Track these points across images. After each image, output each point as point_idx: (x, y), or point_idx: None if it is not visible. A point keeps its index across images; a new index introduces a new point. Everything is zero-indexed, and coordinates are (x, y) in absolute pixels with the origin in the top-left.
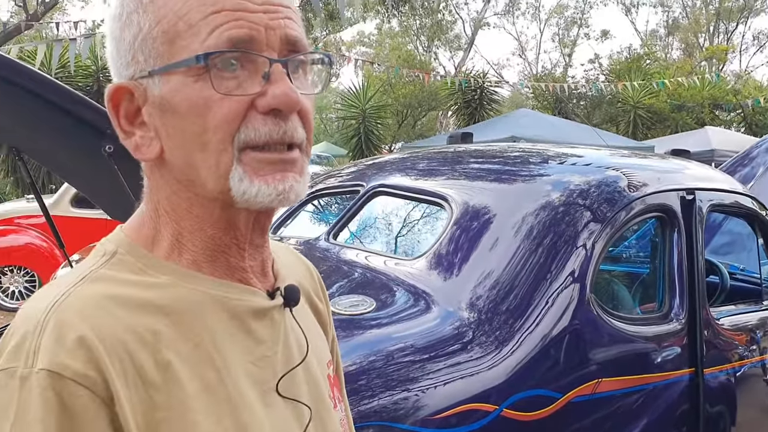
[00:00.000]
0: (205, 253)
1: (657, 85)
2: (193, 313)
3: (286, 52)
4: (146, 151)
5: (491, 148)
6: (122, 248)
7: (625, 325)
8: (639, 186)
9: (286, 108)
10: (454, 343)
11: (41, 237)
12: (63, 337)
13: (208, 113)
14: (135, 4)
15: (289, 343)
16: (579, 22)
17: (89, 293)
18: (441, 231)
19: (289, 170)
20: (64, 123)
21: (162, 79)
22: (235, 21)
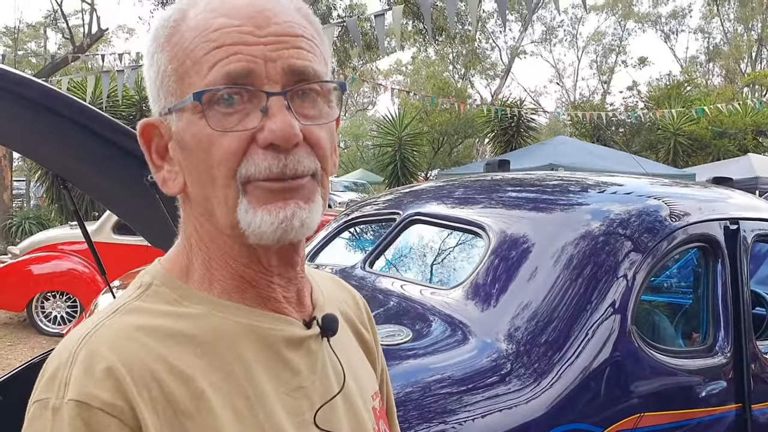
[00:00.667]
0: (234, 284)
1: (696, 112)
2: (225, 343)
3: (292, 83)
4: (171, 185)
5: (529, 176)
6: (158, 280)
7: (667, 357)
8: (681, 215)
9: (282, 143)
10: (492, 375)
11: (83, 263)
12: (92, 368)
13: (212, 149)
14: (156, 44)
15: (326, 373)
16: (617, 50)
17: (121, 325)
18: (478, 260)
19: (291, 197)
20: (108, 153)
21: (177, 116)
22: (233, 55)
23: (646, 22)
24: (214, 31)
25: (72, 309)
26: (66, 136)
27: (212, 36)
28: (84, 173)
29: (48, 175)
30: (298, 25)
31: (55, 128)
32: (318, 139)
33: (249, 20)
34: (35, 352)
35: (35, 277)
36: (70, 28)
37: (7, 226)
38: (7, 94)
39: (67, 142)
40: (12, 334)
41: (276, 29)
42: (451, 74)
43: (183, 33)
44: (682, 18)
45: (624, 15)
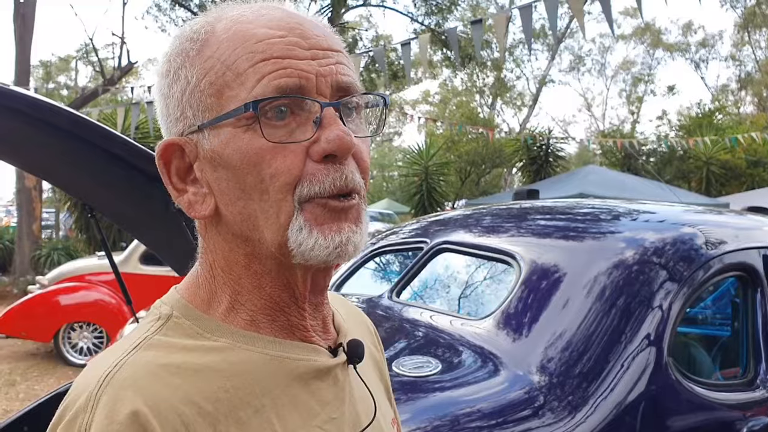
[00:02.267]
0: (264, 311)
1: (730, 140)
2: (253, 377)
3: (337, 97)
4: (200, 208)
5: (558, 204)
6: (177, 311)
7: (706, 391)
8: (717, 244)
9: (341, 152)
10: (525, 408)
11: (110, 294)
12: (115, 414)
13: (262, 163)
14: (182, 58)
15: (354, 402)
16: (646, 79)
17: (144, 362)
18: (509, 290)
19: (344, 220)
20: (135, 181)
21: (212, 133)
22: (284, 69)
23: (675, 51)
24: (258, 42)
25: (98, 340)
26: (94, 165)
27: (257, 47)
28: (111, 202)
29: (77, 206)
30: (333, 39)
31: (84, 156)
32: (362, 152)
33: (291, 31)
34: (61, 383)
35: (62, 308)
36: (101, 61)
37: (36, 257)
38: (37, 122)
39: (95, 171)
40: (39, 365)
41: (318, 42)
42: (478, 103)
43: (218, 45)
44: (711, 47)
45: (652, 44)
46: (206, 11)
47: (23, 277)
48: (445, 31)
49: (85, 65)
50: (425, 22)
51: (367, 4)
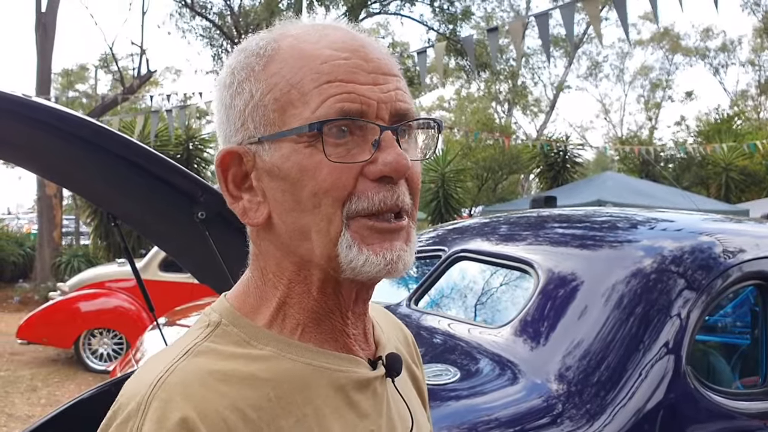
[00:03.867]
0: (311, 317)
1: (748, 147)
2: (296, 387)
3: (394, 121)
4: (254, 215)
5: (576, 212)
6: (226, 318)
7: (725, 399)
8: (735, 252)
9: (396, 174)
10: (543, 416)
11: (130, 300)
12: (165, 419)
13: (319, 178)
14: (247, 72)
15: (391, 415)
16: (664, 85)
17: (193, 368)
18: (527, 298)
19: (396, 239)
20: (159, 190)
21: (272, 146)
22: (347, 94)
23: (694, 56)
24: (323, 63)
25: (118, 346)
26: (117, 174)
27: (322, 68)
28: (135, 211)
29: (97, 213)
30: (392, 63)
31: (105, 165)
32: (414, 174)
33: (355, 53)
34: (82, 389)
35: (83, 315)
36: (120, 70)
37: (56, 264)
38: (62, 133)
39: (118, 180)
40: (59, 371)
41: (379, 65)
42: (495, 110)
43: (283, 63)
44: (732, 51)
45: (671, 49)
46: (270, 28)
47: (44, 284)
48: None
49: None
50: (441, 30)
51: (384, 12)
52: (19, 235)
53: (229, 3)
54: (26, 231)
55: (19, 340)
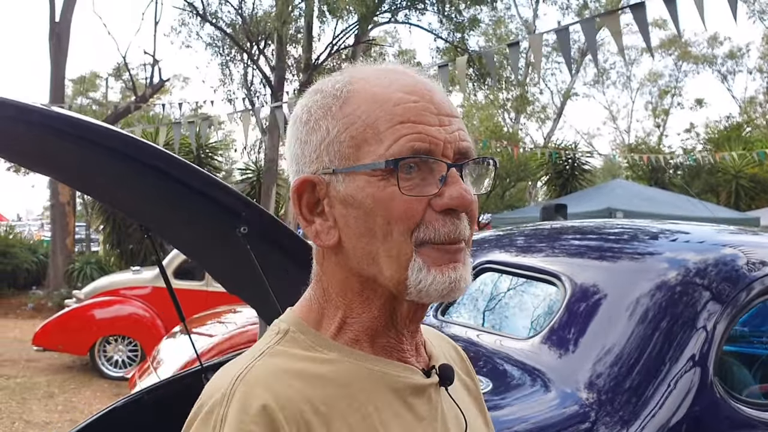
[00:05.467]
0: (368, 333)
1: (758, 155)
2: (360, 388)
3: (457, 159)
4: (325, 238)
5: (598, 223)
6: (294, 327)
7: (752, 410)
8: (760, 265)
9: (461, 207)
10: (577, 424)
11: (144, 308)
12: (248, 406)
13: (391, 208)
14: (323, 111)
15: (446, 421)
16: (673, 91)
17: (269, 366)
18: (555, 310)
19: (458, 260)
20: (199, 205)
21: (346, 178)
22: (417, 134)
23: (701, 63)
24: (395, 106)
25: (133, 353)
26: (155, 187)
27: (395, 110)
28: (172, 224)
29: (109, 221)
30: (453, 105)
31: (148, 181)
32: (474, 206)
33: (423, 97)
34: (98, 395)
35: (98, 322)
36: (133, 79)
37: (69, 271)
38: (89, 144)
39: (156, 193)
40: (75, 378)
41: (444, 108)
42: (502, 117)
43: (358, 104)
44: (739, 58)
45: (680, 56)
46: (341, 70)
47: (57, 291)
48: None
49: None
50: (449, 39)
51: (393, 21)
52: (32, 243)
53: (240, 12)
54: (37, 237)
55: (35, 347)
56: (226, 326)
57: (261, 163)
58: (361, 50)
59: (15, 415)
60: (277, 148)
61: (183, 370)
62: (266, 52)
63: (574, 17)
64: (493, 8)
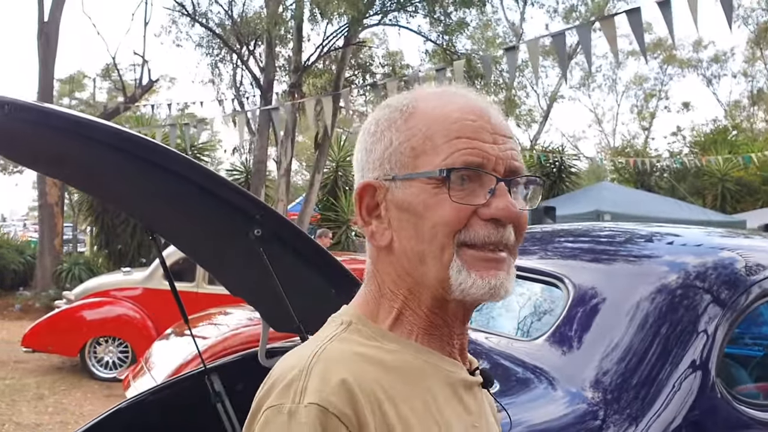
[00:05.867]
0: (421, 329)
1: (743, 159)
2: (420, 377)
3: (507, 174)
4: (379, 238)
5: (597, 227)
6: (355, 320)
7: (753, 410)
8: (757, 269)
9: (505, 219)
10: (587, 421)
11: (135, 309)
12: (328, 380)
13: (440, 213)
14: (389, 123)
15: (488, 419)
16: (658, 94)
17: (341, 348)
18: (559, 312)
19: (500, 268)
20: (210, 207)
21: (404, 184)
22: (472, 149)
23: (686, 68)
24: (453, 123)
25: (123, 354)
26: (171, 191)
27: (453, 127)
28: (182, 226)
29: (97, 221)
30: (508, 126)
31: (160, 183)
32: (522, 219)
33: (480, 117)
34: (88, 397)
35: (88, 323)
36: (122, 79)
37: (57, 272)
38: (98, 145)
39: (170, 196)
40: (65, 379)
41: (500, 128)
42: None
43: (420, 119)
44: (724, 62)
45: (665, 60)
46: (410, 90)
47: (45, 292)
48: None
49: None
50: (438, 41)
51: (383, 23)
52: (20, 243)
53: (230, 13)
54: (22, 238)
55: (24, 348)
56: (219, 328)
57: (249, 164)
58: (350, 52)
59: (5, 417)
60: (266, 150)
61: (185, 372)
62: (256, 53)
63: (560, 21)
64: (482, 11)
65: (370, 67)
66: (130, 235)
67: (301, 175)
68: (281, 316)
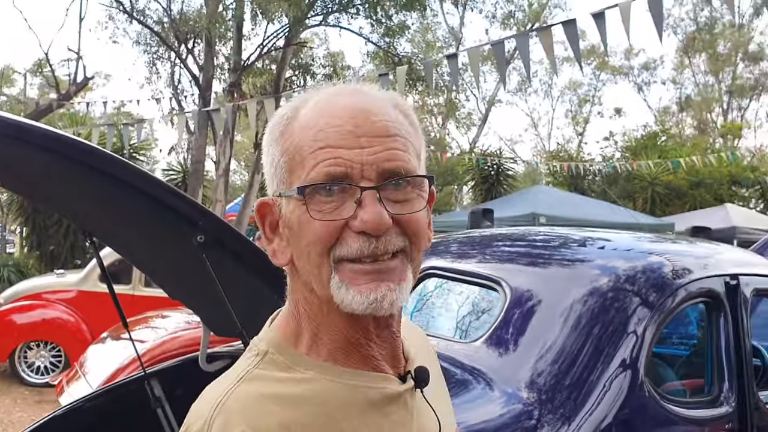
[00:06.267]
0: (339, 345)
1: (672, 164)
2: (336, 405)
3: (383, 180)
4: (279, 257)
5: (533, 231)
6: (272, 348)
7: (677, 408)
8: (684, 272)
9: (372, 231)
10: (522, 421)
11: (69, 312)
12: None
13: (309, 230)
14: (271, 138)
15: (422, 423)
16: (591, 100)
17: (247, 392)
18: (496, 314)
19: (385, 279)
20: (150, 210)
21: (286, 201)
22: (334, 159)
23: (618, 74)
24: (319, 131)
25: (56, 359)
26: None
27: (317, 135)
28: (123, 231)
29: (28, 222)
30: (393, 122)
31: (102, 187)
32: (407, 220)
33: (350, 120)
34: (18, 403)
35: (18, 327)
36: (56, 76)
37: None
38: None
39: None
40: None
41: (373, 128)
42: (430, 123)
43: (293, 130)
44: (654, 69)
45: (598, 66)
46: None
47: None
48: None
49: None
50: (379, 44)
51: (324, 24)
52: None
53: (168, 10)
54: None
55: None
56: (157, 332)
57: (187, 163)
58: (291, 52)
59: None
60: (204, 149)
61: (125, 377)
62: (195, 51)
63: (499, 26)
64: (423, 15)
65: (310, 67)
66: (63, 236)
67: (240, 174)
68: (222, 321)
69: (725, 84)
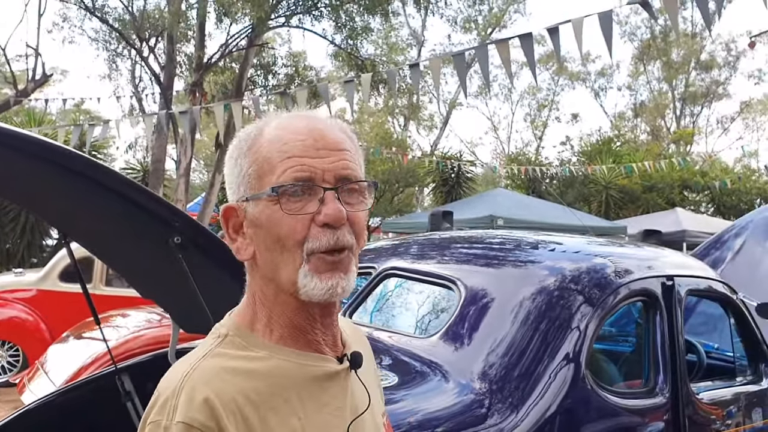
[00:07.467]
0: (289, 331)
1: (625, 169)
2: (284, 378)
3: (339, 183)
4: (243, 253)
5: (488, 234)
6: (231, 331)
7: (616, 398)
8: (624, 273)
9: (334, 222)
10: (474, 409)
11: (27, 311)
12: (193, 399)
13: (281, 225)
14: (239, 151)
15: (354, 396)
16: (550, 105)
17: (210, 366)
18: (452, 311)
19: (338, 269)
20: (130, 214)
21: (253, 203)
22: (300, 165)
23: (576, 80)
24: (285, 144)
25: (14, 358)
26: (88, 197)
27: (284, 148)
28: (99, 232)
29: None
30: (341, 141)
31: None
32: (356, 220)
33: (309, 136)
34: None
35: None
36: (13, 73)
37: None
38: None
39: (85, 201)
40: None
41: (328, 143)
42: (391, 124)
43: (261, 144)
44: (610, 76)
45: (555, 71)
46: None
47: None
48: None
49: None
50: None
51: (287, 25)
52: None
53: (129, 7)
54: None
55: None
56: (119, 331)
57: (146, 162)
58: (253, 52)
59: None
60: (164, 148)
61: (95, 372)
62: (156, 49)
63: (459, 30)
64: (386, 19)
65: (272, 67)
66: (20, 235)
67: (199, 173)
68: (193, 318)
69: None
